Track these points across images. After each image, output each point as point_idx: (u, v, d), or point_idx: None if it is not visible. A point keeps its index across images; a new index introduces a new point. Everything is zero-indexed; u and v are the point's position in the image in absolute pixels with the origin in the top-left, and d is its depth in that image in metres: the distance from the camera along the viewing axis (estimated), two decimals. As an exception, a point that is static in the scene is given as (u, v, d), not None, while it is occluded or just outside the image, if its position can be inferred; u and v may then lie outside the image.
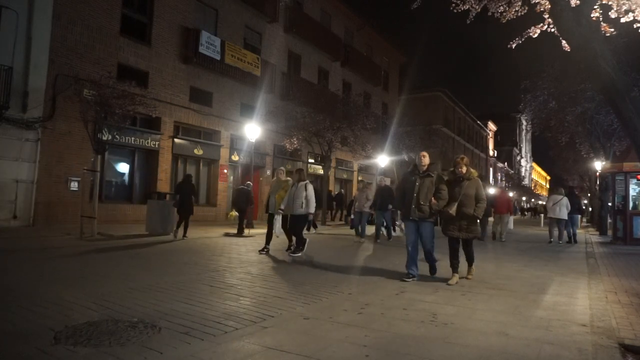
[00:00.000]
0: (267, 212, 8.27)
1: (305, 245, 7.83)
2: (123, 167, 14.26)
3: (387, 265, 6.98)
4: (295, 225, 7.75)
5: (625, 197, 12.76)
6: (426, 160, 5.74)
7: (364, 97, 25.18)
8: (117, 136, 12.71)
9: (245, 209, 12.13)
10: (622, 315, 4.09)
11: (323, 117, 17.38)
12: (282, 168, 8.64)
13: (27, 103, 11.04)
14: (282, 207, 7.74)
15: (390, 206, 10.79)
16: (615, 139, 17.35)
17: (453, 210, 5.44)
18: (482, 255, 9.08)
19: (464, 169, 5.62)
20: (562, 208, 12.66)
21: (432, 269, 6.00)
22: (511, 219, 18.92)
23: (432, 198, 5.56)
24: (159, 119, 14.52)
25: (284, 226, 8.08)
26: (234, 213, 12.58)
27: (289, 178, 8.32)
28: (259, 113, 17.25)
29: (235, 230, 11.84)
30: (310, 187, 7.71)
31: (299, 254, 7.63)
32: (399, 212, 10.01)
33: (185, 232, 10.13)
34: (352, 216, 16.25)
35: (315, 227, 14.09)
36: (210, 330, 3.25)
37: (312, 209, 7.66)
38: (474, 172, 5.70)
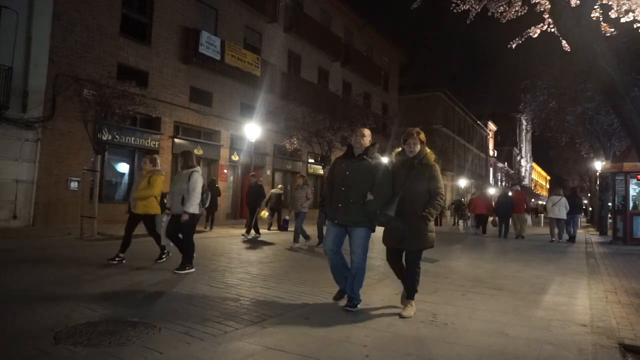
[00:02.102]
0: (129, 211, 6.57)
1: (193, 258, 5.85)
2: (123, 167, 14.25)
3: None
4: (181, 229, 5.83)
5: (626, 197, 12.79)
6: (365, 140, 4.08)
7: (364, 97, 25.16)
8: (117, 136, 12.71)
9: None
10: (622, 315, 4.09)
11: (323, 117, 17.38)
12: (154, 155, 6.79)
13: (27, 103, 11.02)
14: (169, 205, 5.93)
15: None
16: (615, 139, 17.36)
17: (392, 209, 3.80)
18: (483, 255, 9.09)
19: (418, 148, 3.91)
20: (561, 208, 13.18)
21: (351, 299, 4.00)
22: (529, 217, 19.84)
23: (368, 193, 3.89)
24: (159, 119, 14.51)
25: (131, 227, 6.36)
26: (266, 212, 12.58)
27: (157, 168, 6.52)
28: (259, 113, 17.26)
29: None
30: (197, 177, 5.79)
31: (187, 270, 5.63)
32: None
33: (211, 225, 12.33)
34: (287, 217, 13.62)
35: (257, 231, 11.18)
36: (210, 330, 3.25)
37: (193, 207, 5.68)
38: (431, 155, 3.99)
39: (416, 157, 3.91)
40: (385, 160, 4.34)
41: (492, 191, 20.12)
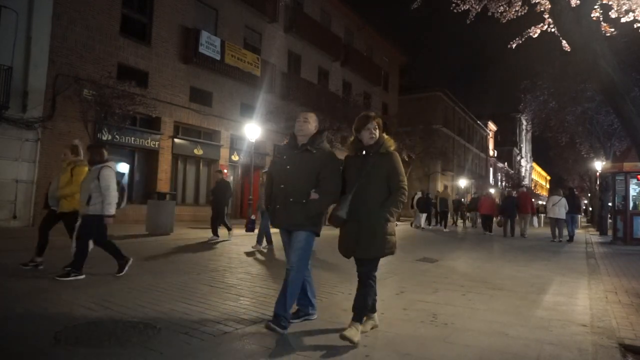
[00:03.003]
0: (44, 207, 5.83)
1: (82, 264, 4.99)
2: (123, 167, 14.26)
3: (387, 266, 6.98)
4: (80, 229, 5.11)
5: (626, 197, 12.80)
6: (309, 126, 3.43)
7: (364, 97, 25.19)
8: (117, 136, 12.72)
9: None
10: (622, 315, 4.09)
11: (323, 117, 17.38)
12: (75, 142, 5.81)
13: (27, 103, 11.03)
14: (86, 204, 5.05)
15: None
16: (615, 139, 17.38)
17: (343, 210, 3.08)
18: (483, 255, 9.09)
19: (376, 134, 3.21)
20: (561, 208, 13.43)
21: (277, 317, 3.20)
22: (535, 218, 20.27)
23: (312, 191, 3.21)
24: (158, 119, 14.52)
25: (42, 225, 5.66)
26: None
27: (80, 158, 5.65)
28: (259, 113, 17.27)
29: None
30: (107, 173, 5.04)
31: (73, 277, 4.86)
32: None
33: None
34: (253, 217, 11.68)
35: (215, 233, 10.07)
36: (210, 330, 3.25)
37: (111, 208, 5.02)
38: (390, 142, 3.25)
39: (374, 145, 3.21)
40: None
41: (492, 191, 20.29)
